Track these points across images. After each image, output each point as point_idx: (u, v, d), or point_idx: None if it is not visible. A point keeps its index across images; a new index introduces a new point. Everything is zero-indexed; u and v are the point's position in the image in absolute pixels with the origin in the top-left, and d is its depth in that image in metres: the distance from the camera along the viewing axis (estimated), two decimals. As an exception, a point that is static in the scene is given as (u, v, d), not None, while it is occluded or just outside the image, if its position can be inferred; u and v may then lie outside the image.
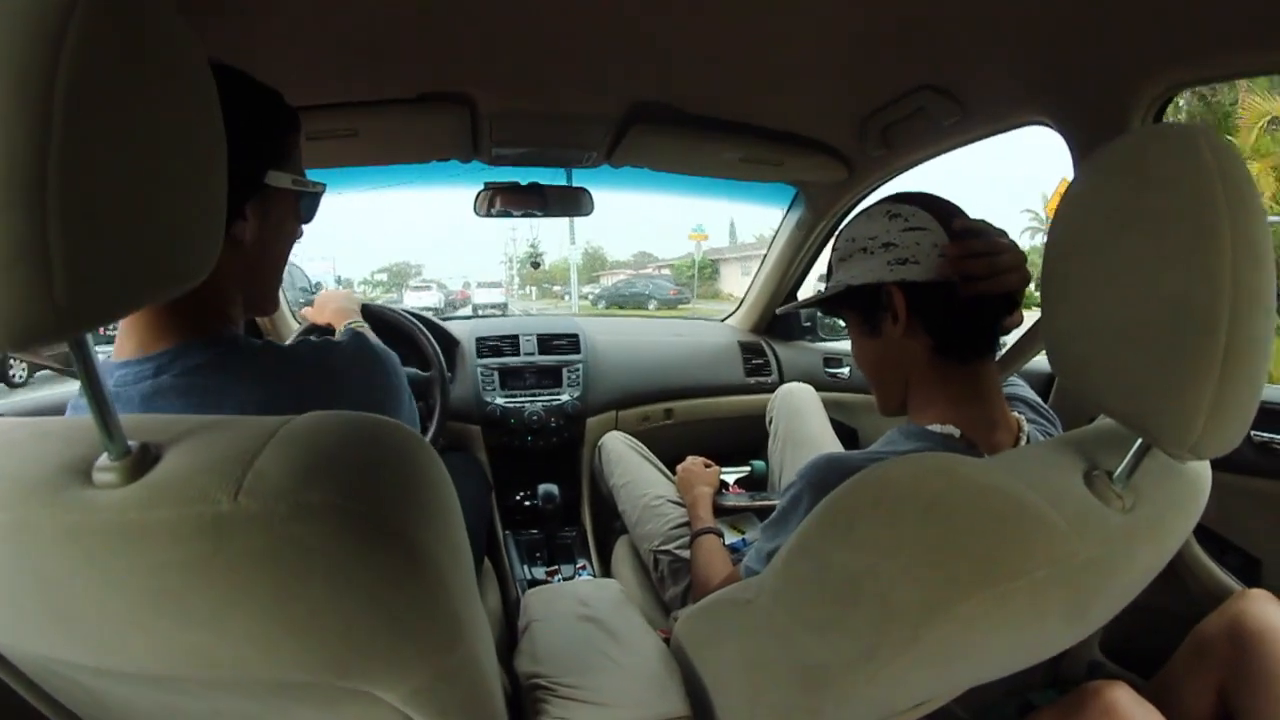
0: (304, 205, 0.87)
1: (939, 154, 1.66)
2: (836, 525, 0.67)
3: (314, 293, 2.02)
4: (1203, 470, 0.77)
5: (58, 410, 0.90)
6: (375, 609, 0.46)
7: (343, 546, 0.43)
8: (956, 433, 0.91)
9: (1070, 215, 0.66)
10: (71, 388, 1.63)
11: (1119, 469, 0.65)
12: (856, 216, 1.01)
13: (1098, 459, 0.69)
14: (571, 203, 1.94)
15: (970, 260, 0.89)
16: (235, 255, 0.76)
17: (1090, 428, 0.79)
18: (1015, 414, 0.98)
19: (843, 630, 0.64)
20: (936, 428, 0.92)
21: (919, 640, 0.58)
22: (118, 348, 0.75)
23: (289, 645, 0.46)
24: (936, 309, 0.93)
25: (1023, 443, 0.94)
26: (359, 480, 0.45)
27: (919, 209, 0.94)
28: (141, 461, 0.44)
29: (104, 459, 0.44)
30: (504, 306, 21.05)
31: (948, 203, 0.96)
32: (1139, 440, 0.63)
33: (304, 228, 0.90)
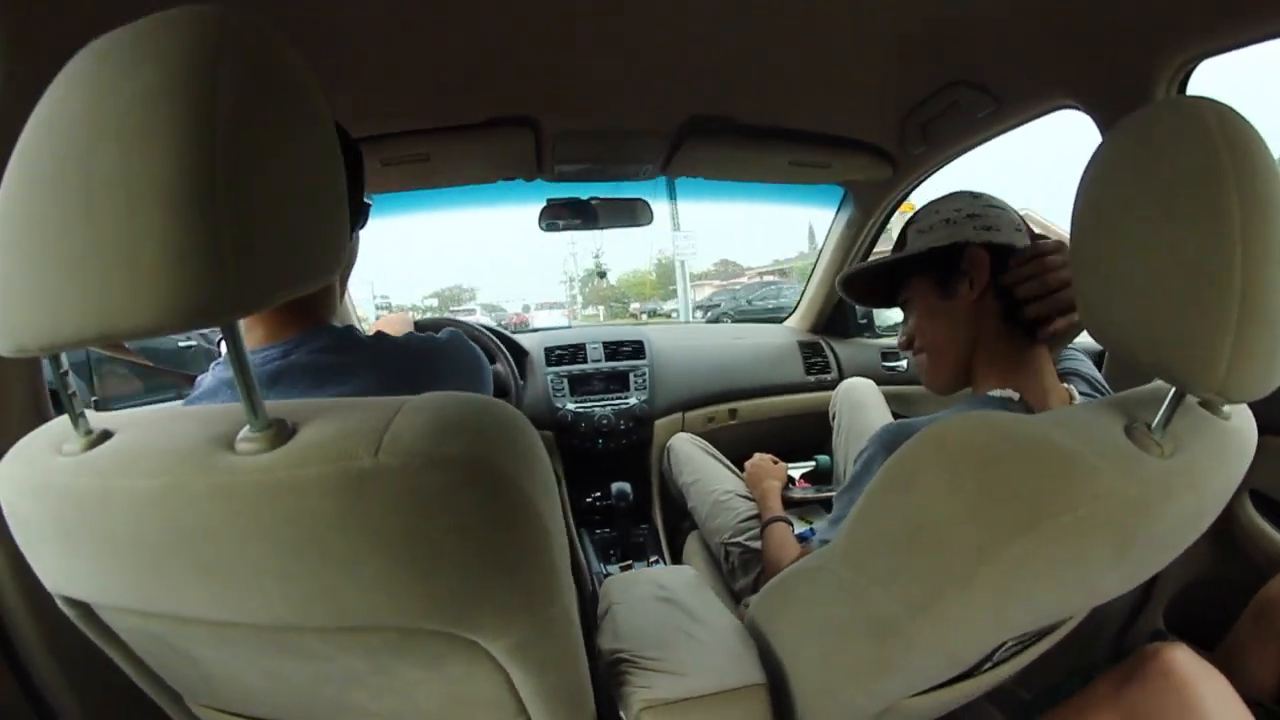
0: (361, 218, 0.97)
1: (975, 146, 1.69)
2: (899, 480, 0.72)
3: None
4: (1245, 427, 0.79)
5: None
6: (489, 553, 0.52)
7: (465, 494, 0.49)
8: (1016, 395, 0.94)
9: (1091, 190, 0.69)
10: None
11: (1156, 418, 0.68)
12: (935, 199, 1.07)
13: (1138, 415, 0.72)
14: (630, 213, 2.03)
15: (1026, 283, 0.95)
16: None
17: (1132, 391, 0.82)
18: (1068, 386, 1.01)
19: (908, 577, 0.69)
20: (997, 393, 0.95)
21: (976, 580, 0.63)
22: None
23: (413, 589, 0.51)
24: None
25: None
26: (481, 439, 0.51)
27: (995, 202, 1.02)
28: (281, 433, 0.49)
29: (246, 431, 0.49)
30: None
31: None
32: (1173, 389, 0.66)
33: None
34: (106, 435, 0.57)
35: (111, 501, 0.52)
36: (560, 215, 2.01)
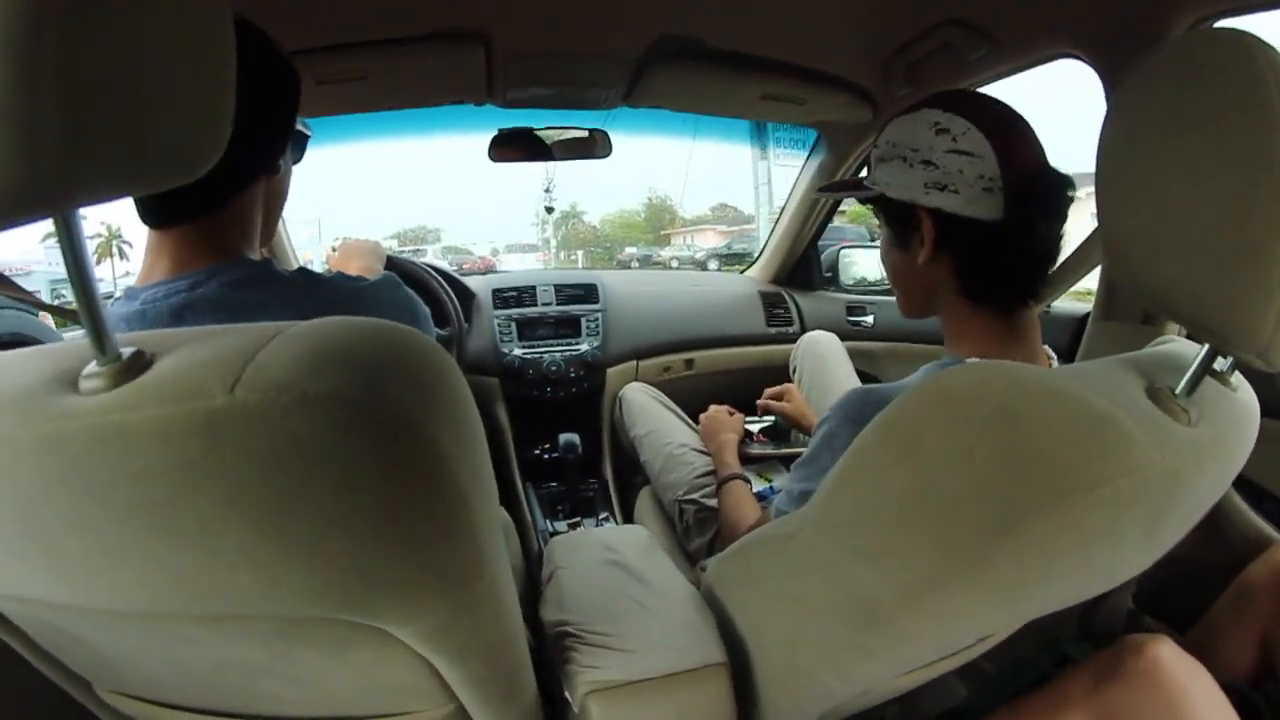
0: (296, 148, 0.94)
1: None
2: (893, 440, 0.62)
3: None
4: (1251, 402, 0.74)
5: None
6: (389, 526, 0.42)
7: (352, 444, 0.39)
8: None
9: (1121, 120, 0.62)
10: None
11: (1181, 384, 0.63)
12: (901, 116, 0.90)
13: (1158, 377, 0.66)
14: (588, 146, 1.93)
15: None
16: (266, 189, 0.84)
17: (1143, 352, 0.76)
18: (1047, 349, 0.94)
19: (901, 558, 0.60)
20: (975, 360, 0.86)
21: (990, 565, 0.54)
22: (144, 273, 0.76)
23: (289, 570, 0.41)
24: (968, 250, 0.86)
25: None
26: (370, 371, 0.40)
27: (972, 127, 0.83)
28: (133, 366, 0.40)
29: (92, 366, 0.40)
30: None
31: (1011, 123, 0.85)
32: (1203, 351, 0.61)
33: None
34: None
35: None
36: (511, 145, 1.89)
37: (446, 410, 0.44)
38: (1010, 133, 0.84)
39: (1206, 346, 0.61)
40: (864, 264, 2.54)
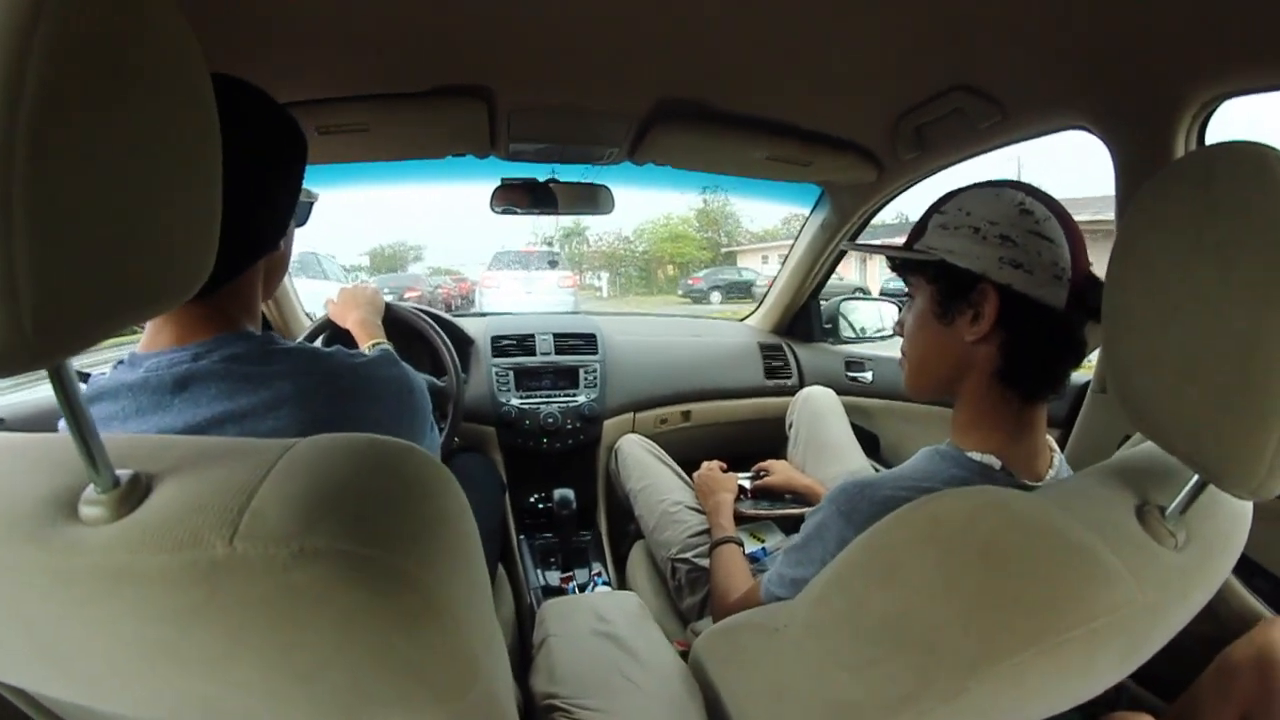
0: (304, 213, 0.94)
1: (973, 156, 1.60)
2: (877, 563, 0.65)
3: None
4: (1243, 508, 0.74)
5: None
6: (386, 656, 0.43)
7: (351, 594, 0.40)
8: (997, 464, 0.84)
9: (1132, 241, 0.61)
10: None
11: (1172, 505, 0.62)
12: (977, 189, 0.88)
13: (1149, 492, 0.66)
14: (590, 199, 1.91)
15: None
16: (269, 259, 0.83)
17: (1137, 455, 0.76)
18: (1049, 440, 0.92)
19: (882, 672, 0.62)
20: (977, 456, 0.85)
21: (966, 692, 0.55)
22: (148, 340, 0.76)
23: (294, 694, 0.43)
24: (1026, 332, 0.83)
25: (1056, 463, 0.89)
26: (369, 519, 0.41)
27: (1052, 216, 0.83)
28: (131, 494, 0.41)
29: (90, 491, 0.41)
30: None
31: (1075, 225, 0.86)
32: (1195, 476, 0.60)
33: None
34: None
35: None
36: (515, 197, 1.88)
37: (444, 544, 0.45)
38: (1076, 232, 0.85)
39: (1197, 476, 0.60)
40: (865, 316, 2.54)
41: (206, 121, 0.42)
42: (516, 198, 1.85)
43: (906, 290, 0.98)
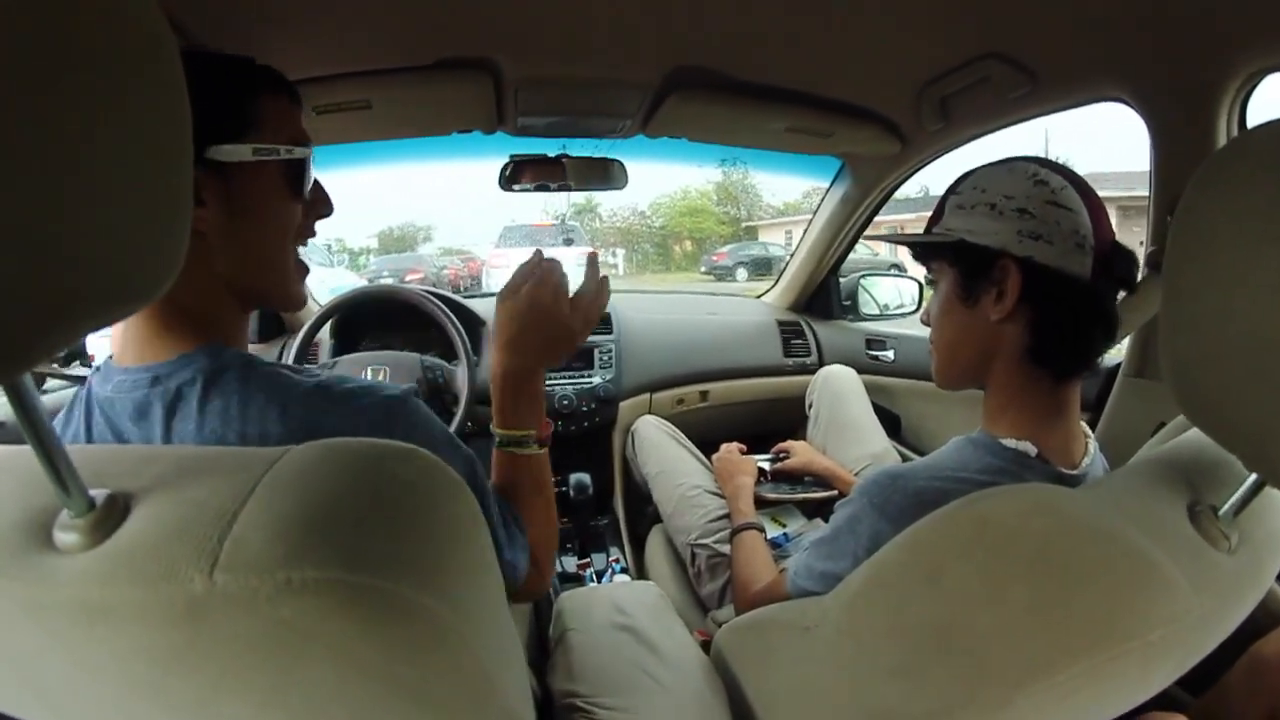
0: (290, 177, 0.73)
1: (1001, 128, 1.56)
2: (921, 565, 0.63)
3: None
4: None
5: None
6: (391, 687, 0.40)
7: (346, 627, 0.36)
8: (1033, 450, 0.82)
9: (1193, 225, 0.56)
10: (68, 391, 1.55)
11: (1226, 506, 0.60)
12: (991, 167, 0.88)
13: (1200, 490, 0.64)
14: (604, 175, 1.86)
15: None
16: (199, 251, 0.63)
17: (1184, 448, 0.73)
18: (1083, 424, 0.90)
19: (922, 681, 0.60)
20: (1011, 442, 0.83)
21: (1012, 704, 0.54)
22: (119, 350, 0.67)
23: None
24: (1052, 305, 0.82)
25: (1091, 450, 0.87)
26: (362, 542, 0.38)
27: (1069, 185, 0.82)
28: (108, 518, 0.38)
29: (64, 516, 0.38)
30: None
31: (1094, 194, 0.84)
32: (1253, 476, 0.58)
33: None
34: None
35: None
36: (526, 173, 1.83)
37: (449, 559, 0.43)
38: (1095, 200, 0.83)
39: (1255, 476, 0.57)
40: (885, 291, 2.48)
41: (173, 102, 0.37)
42: (526, 174, 1.80)
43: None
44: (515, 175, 1.80)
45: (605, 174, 1.86)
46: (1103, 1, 1.05)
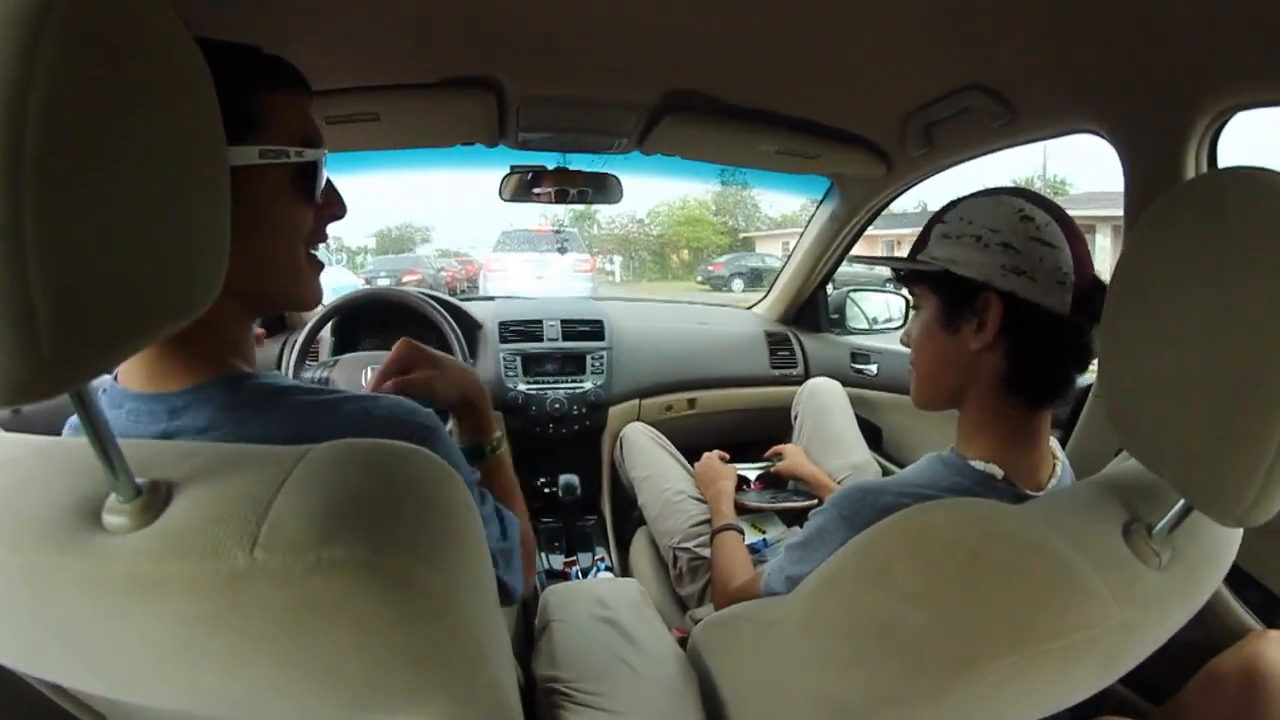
0: (300, 180, 0.68)
1: (983, 154, 1.59)
2: (869, 567, 0.67)
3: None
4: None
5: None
6: (399, 652, 0.46)
7: (366, 599, 0.42)
8: (999, 473, 0.84)
9: (1134, 263, 0.62)
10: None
11: (1159, 525, 0.63)
12: (978, 198, 0.89)
13: (1138, 509, 0.67)
14: (600, 188, 1.92)
15: None
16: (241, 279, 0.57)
17: (1129, 470, 0.76)
18: (1053, 446, 0.93)
19: (869, 671, 0.65)
20: (979, 465, 0.85)
21: (946, 694, 0.58)
22: (124, 370, 0.65)
23: (308, 688, 0.47)
24: (1031, 338, 0.84)
25: (1059, 472, 0.90)
26: (381, 527, 0.44)
27: (1054, 222, 0.84)
28: (153, 503, 0.43)
29: (113, 500, 0.43)
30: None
31: (1078, 230, 0.86)
32: (1182, 500, 0.61)
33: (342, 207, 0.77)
34: None
35: None
36: (525, 184, 1.88)
37: (452, 546, 0.48)
38: (1078, 237, 0.85)
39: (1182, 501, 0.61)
40: (873, 306, 2.54)
41: (211, 131, 0.43)
42: (525, 185, 1.86)
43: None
44: (514, 185, 1.86)
45: (602, 187, 1.92)
46: (1078, 39, 1.08)
